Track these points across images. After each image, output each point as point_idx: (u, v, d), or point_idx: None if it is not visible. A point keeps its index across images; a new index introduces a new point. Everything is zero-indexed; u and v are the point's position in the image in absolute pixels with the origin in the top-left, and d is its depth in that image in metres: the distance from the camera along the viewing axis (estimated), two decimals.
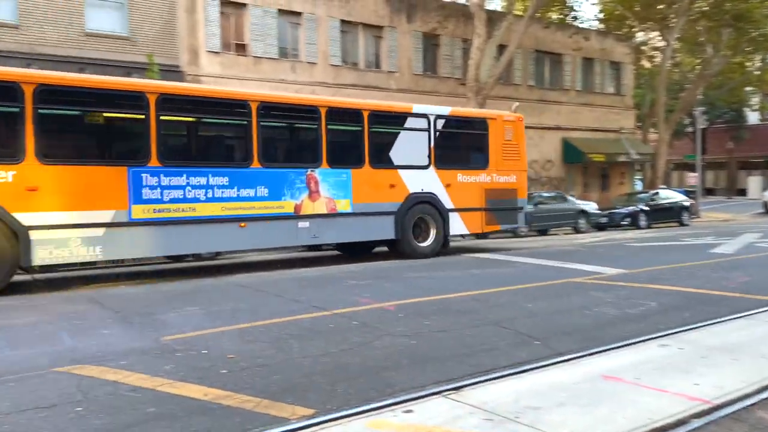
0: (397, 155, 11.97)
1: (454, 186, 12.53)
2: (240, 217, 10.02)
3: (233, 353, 4.92)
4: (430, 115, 12.38)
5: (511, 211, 13.34)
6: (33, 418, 3.57)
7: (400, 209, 11.82)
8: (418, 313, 6.43)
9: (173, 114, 9.66)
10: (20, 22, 16.52)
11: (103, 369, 4.49)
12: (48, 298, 7.98)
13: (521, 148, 13.57)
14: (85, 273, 11.29)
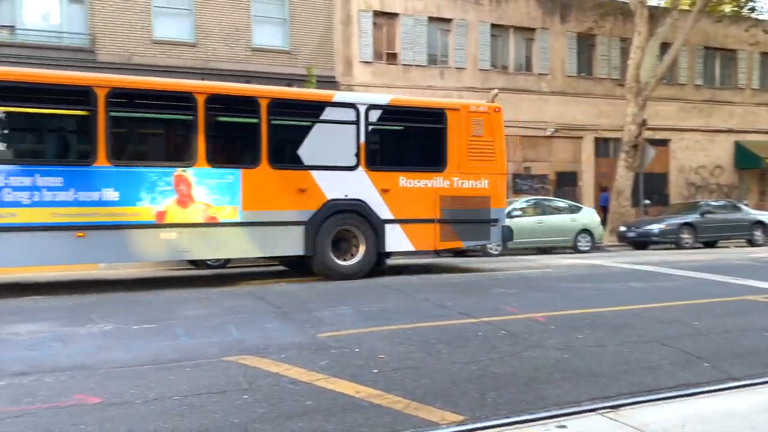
0: (311, 153, 9.87)
1: (395, 192, 10.15)
2: (76, 225, 8.29)
3: (384, 354, 5.05)
4: (359, 105, 10.08)
5: (479, 224, 10.72)
6: (206, 402, 3.91)
7: (313, 219, 9.62)
8: (571, 326, 6.17)
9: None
10: (197, 41, 18.28)
11: (266, 361, 4.81)
12: (217, 292, 8.71)
13: (497, 145, 10.83)
14: (252, 270, 12.19)
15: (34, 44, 16.30)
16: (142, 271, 12.15)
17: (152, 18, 17.72)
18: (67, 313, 6.92)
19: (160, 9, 17.89)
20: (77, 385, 4.23)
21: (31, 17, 16.72)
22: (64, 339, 5.62)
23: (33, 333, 5.83)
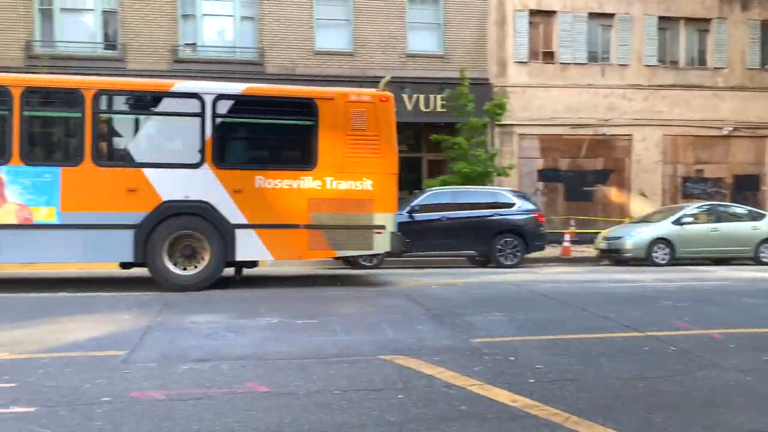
0: (145, 149, 9.14)
1: (250, 193, 9.00)
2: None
3: (541, 364, 4.88)
4: (204, 95, 8.98)
5: (359, 230, 9.31)
6: (364, 398, 4.03)
7: (144, 223, 8.65)
8: (754, 346, 5.55)
9: None
10: (354, 50, 19.03)
11: (420, 362, 4.86)
12: (371, 292, 8.98)
13: (384, 140, 9.43)
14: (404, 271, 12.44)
15: (211, 59, 17.96)
16: (301, 269, 12.88)
17: (314, 30, 18.75)
18: (239, 305, 7.51)
19: (322, 21, 18.88)
20: (249, 374, 4.56)
21: (209, 35, 18.45)
22: (237, 330, 6.10)
23: (210, 323, 6.39)
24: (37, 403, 3.89)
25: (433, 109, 18.97)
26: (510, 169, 17.78)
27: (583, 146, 20.64)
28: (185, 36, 18.04)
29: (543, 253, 14.62)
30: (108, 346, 5.28)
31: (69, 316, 6.70)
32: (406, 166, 20.61)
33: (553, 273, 12.62)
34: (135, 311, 6.91)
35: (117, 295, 8.23)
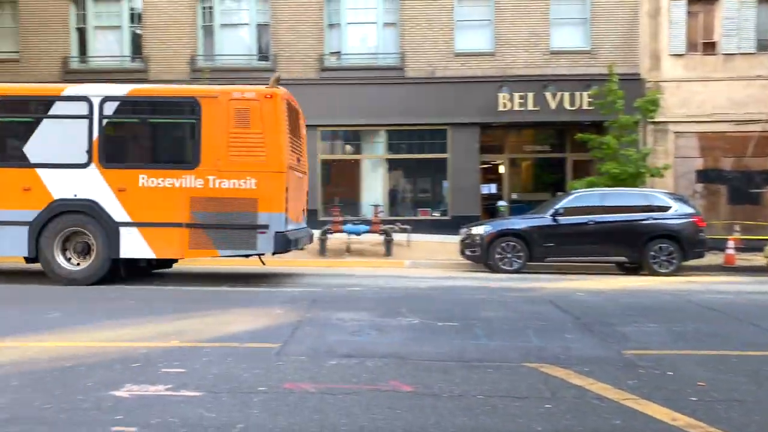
0: (39, 151, 9.27)
1: (133, 192, 9.08)
2: None
3: (702, 380, 4.49)
4: (92, 98, 9.22)
5: (241, 230, 9.04)
6: (508, 405, 3.94)
7: (37, 219, 8.98)
8: None
9: None
10: (495, 50, 18.74)
11: (568, 372, 4.66)
12: (514, 297, 8.78)
13: (270, 138, 9.07)
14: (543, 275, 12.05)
15: (354, 66, 18.59)
16: (443, 273, 12.91)
17: (454, 32, 18.73)
18: (381, 304, 7.68)
19: (462, 23, 18.81)
20: (392, 372, 4.64)
21: (353, 42, 19.10)
22: (380, 328, 6.24)
23: (355, 320, 6.60)
24: (203, 389, 4.23)
25: (579, 107, 18.18)
26: (665, 169, 16.54)
27: (750, 144, 18.70)
28: (331, 45, 18.83)
29: (702, 261, 13.44)
30: (263, 338, 5.63)
31: (228, 309, 7.25)
32: (548, 166, 20.07)
33: (714, 282, 11.57)
34: (287, 306, 7.31)
35: (270, 291, 8.77)
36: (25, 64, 18.36)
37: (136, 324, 6.34)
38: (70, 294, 8.45)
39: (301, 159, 10.59)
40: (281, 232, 9.13)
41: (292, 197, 9.56)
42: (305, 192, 11.27)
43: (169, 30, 18.45)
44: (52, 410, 3.84)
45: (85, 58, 18.83)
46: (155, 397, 4.07)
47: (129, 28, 18.81)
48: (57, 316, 6.74)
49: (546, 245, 12.33)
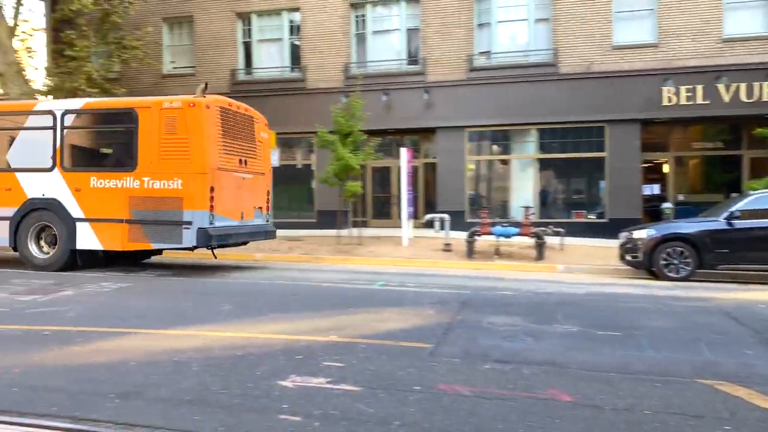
0: (18, 157, 11.00)
1: (86, 192, 10.44)
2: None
3: None
4: (56, 111, 10.79)
5: (169, 225, 10.00)
6: (681, 423, 3.64)
7: (15, 215, 10.71)
8: None
9: None
10: (659, 41, 17.44)
11: (750, 392, 4.21)
12: (682, 307, 8.10)
13: (194, 143, 9.92)
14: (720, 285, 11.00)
15: (504, 65, 18.24)
16: (599, 279, 12.26)
17: (612, 24, 17.72)
18: (534, 310, 7.45)
19: (621, 14, 17.74)
20: (550, 380, 4.47)
21: (503, 41, 18.77)
22: (535, 335, 6.05)
23: (507, 325, 6.45)
24: (360, 384, 4.37)
25: (758, 99, 16.37)
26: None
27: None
28: (480, 45, 18.66)
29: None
30: (416, 337, 5.69)
31: (380, 308, 7.43)
32: (720, 165, 18.30)
33: None
34: (437, 307, 7.34)
35: (418, 291, 8.85)
36: (198, 78, 20.21)
37: (296, 319, 6.72)
38: (237, 289, 9.16)
39: (249, 161, 11.16)
40: (203, 228, 9.88)
41: (226, 196, 10.35)
42: (260, 191, 11.71)
43: (325, 40, 19.36)
44: (228, 395, 4.17)
45: (250, 70, 20.34)
46: (317, 389, 4.27)
47: (288, 39, 20.03)
48: (228, 308, 7.32)
49: (719, 251, 11.21)
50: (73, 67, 16.27)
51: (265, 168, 12.06)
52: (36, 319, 6.40)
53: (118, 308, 7.14)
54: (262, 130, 12.01)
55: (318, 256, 13.44)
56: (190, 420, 3.75)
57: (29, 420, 3.67)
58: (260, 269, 11.56)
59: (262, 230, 11.80)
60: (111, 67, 17.85)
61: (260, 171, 11.75)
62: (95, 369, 4.73)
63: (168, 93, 20.12)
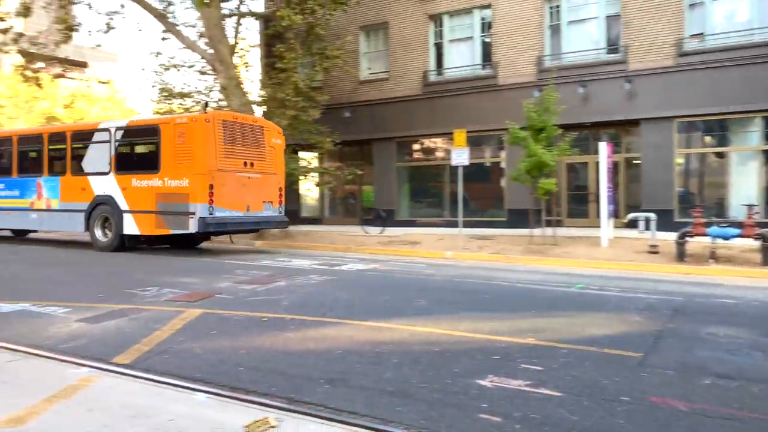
0: (89, 164, 14.23)
1: (129, 190, 13.34)
2: (10, 208, 15.57)
3: None
4: (111, 128, 14.03)
5: (180, 215, 12.61)
6: None
7: (88, 208, 13.92)
8: None
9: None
10: None
11: None
12: None
13: (196, 150, 12.49)
14: None
15: (720, 47, 16.31)
16: None
17: None
18: (761, 322, 6.56)
19: None
20: None
21: (719, 20, 16.81)
22: (765, 350, 5.31)
23: (730, 337, 5.75)
24: (561, 390, 4.18)
25: None
26: None
27: None
28: (691, 26, 16.93)
29: None
30: (622, 345, 5.30)
31: (581, 311, 7.07)
32: None
33: None
34: (645, 314, 6.79)
35: (624, 296, 8.25)
36: (392, 82, 21.02)
37: (491, 318, 6.64)
38: (429, 285, 9.33)
39: (256, 163, 13.49)
40: (203, 217, 12.36)
41: (227, 192, 12.71)
42: (270, 188, 13.93)
43: (517, 34, 18.96)
44: (427, 390, 4.24)
45: (441, 70, 20.62)
46: (516, 391, 4.17)
47: (480, 37, 19.95)
48: (423, 304, 7.48)
49: None
50: (282, 78, 17.79)
51: (277, 168, 14.19)
52: (256, 307, 7.10)
53: (326, 299, 7.65)
54: (274, 137, 14.17)
55: (509, 256, 13.19)
56: (392, 410, 3.87)
57: (256, 398, 4.06)
58: (450, 267, 11.66)
59: (271, 220, 14.07)
60: (314, 76, 19.20)
61: (271, 171, 13.93)
62: (306, 355, 5.11)
63: (364, 98, 21.24)
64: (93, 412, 3.76)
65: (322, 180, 19.88)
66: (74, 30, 18.89)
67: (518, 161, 14.68)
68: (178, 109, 19.65)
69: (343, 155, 21.90)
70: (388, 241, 15.61)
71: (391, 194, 21.10)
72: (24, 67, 19.46)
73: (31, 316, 6.62)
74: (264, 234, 17.00)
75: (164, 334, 5.75)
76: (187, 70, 20.17)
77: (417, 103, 20.42)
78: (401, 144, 21.34)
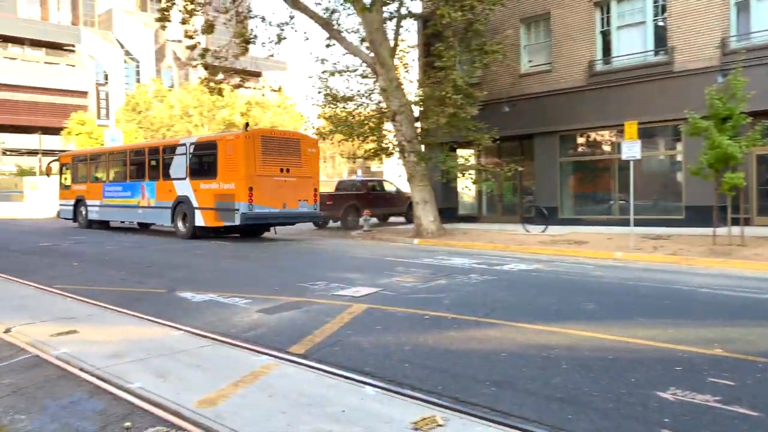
0: (174, 171, 18.09)
1: (199, 191, 17.02)
2: (125, 206, 20.30)
3: None
4: (187, 144, 17.97)
5: (229, 211, 16.12)
6: None
7: (172, 205, 17.81)
8: None
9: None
10: None
11: None
12: None
13: (240, 161, 15.90)
14: None
15: None
16: None
17: None
18: None
19: None
20: None
21: None
22: None
23: None
24: (759, 409, 3.73)
25: None
26: None
27: None
28: None
29: None
30: None
31: None
32: None
33: None
34: None
35: None
36: (554, 74, 20.20)
37: (671, 325, 6.11)
38: (598, 288, 8.82)
39: (292, 169, 16.79)
40: (244, 212, 15.83)
41: (265, 192, 16.05)
42: (305, 189, 17.17)
43: (697, 14, 17.29)
44: (600, 398, 4.00)
45: (608, 59, 19.40)
46: (703, 407, 3.80)
47: (652, 21, 18.49)
48: (592, 308, 7.09)
49: None
50: (441, 77, 17.86)
51: (312, 173, 17.49)
52: (418, 304, 7.19)
53: (487, 299, 7.55)
54: (310, 147, 17.56)
55: (688, 258, 12.06)
56: (562, 417, 3.70)
57: (422, 396, 4.09)
58: (620, 268, 10.93)
59: (305, 215, 17.61)
60: (473, 73, 19.04)
61: (306, 175, 17.21)
62: (470, 355, 5.06)
63: (525, 92, 20.67)
64: (273, 398, 4.02)
65: (480, 177, 19.68)
66: (250, 42, 20.50)
67: (698, 154, 13.38)
68: (341, 113, 20.57)
69: (501, 151, 21.51)
70: (550, 241, 15.05)
71: (553, 191, 20.32)
72: (208, 80, 21.47)
73: (217, 306, 7.28)
74: (422, 233, 17.25)
75: (333, 327, 6.02)
76: (350, 74, 21.00)
77: (582, 95, 19.45)
78: (564, 138, 20.47)
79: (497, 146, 19.44)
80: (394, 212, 24.26)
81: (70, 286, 8.57)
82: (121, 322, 6.34)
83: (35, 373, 4.70)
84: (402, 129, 18.04)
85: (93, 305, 7.19)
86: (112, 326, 6.14)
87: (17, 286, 8.73)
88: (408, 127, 18.06)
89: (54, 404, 4.06)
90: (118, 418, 3.78)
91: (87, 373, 4.59)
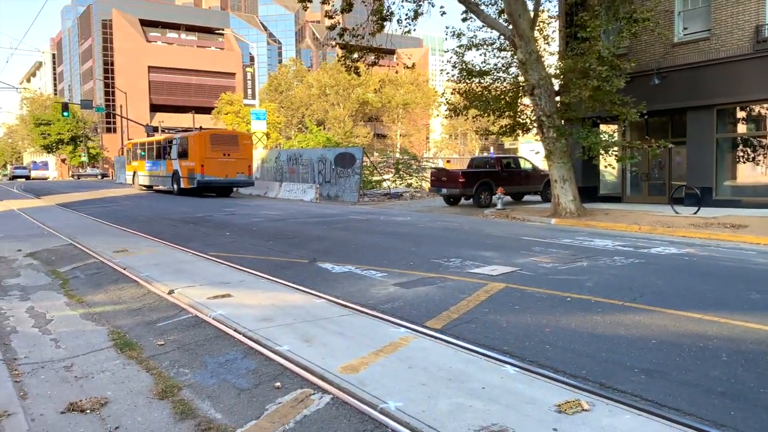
0: (172, 155, 28.30)
1: (182, 167, 26.85)
2: (154, 176, 30.84)
3: None
4: (177, 138, 27.91)
5: (192, 179, 25.72)
6: None
7: (171, 175, 28.09)
8: None
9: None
10: None
11: None
12: None
13: (197, 148, 25.67)
14: None
15: None
16: None
17: None
18: None
19: None
20: None
21: None
22: None
23: None
24: None
25: None
26: None
27: None
28: None
29: None
30: None
31: None
32: None
33: None
34: None
35: None
36: (713, 41, 18.40)
37: None
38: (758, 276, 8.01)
39: (231, 153, 26.34)
40: (199, 180, 25.40)
41: (212, 167, 25.52)
42: (241, 165, 26.70)
43: None
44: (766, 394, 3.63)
45: None
46: None
47: None
48: (756, 297, 6.45)
49: None
50: (584, 48, 16.92)
51: (246, 156, 27.02)
52: (558, 285, 6.94)
53: (634, 284, 7.12)
54: (245, 140, 27.56)
55: None
56: (724, 413, 3.42)
57: (566, 378, 3.95)
58: None
59: (241, 182, 26.97)
60: (620, 43, 17.83)
61: (242, 157, 26.64)
62: (616, 341, 4.80)
63: (678, 62, 19.07)
64: (412, 369, 4.08)
65: (625, 155, 18.49)
66: (387, 20, 20.68)
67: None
68: (476, 88, 20.21)
69: (648, 127, 20.09)
70: (704, 223, 13.87)
71: (708, 170, 18.66)
72: (345, 58, 21.97)
73: (355, 277, 7.50)
74: (560, 212, 16.60)
75: (470, 304, 5.98)
76: (487, 48, 20.53)
77: (746, 64, 17.57)
78: (722, 112, 18.66)
79: (644, 121, 18.18)
80: (529, 190, 23.58)
81: (222, 252, 9.25)
82: (269, 288, 6.74)
83: (196, 332, 5.13)
84: (541, 103, 17.36)
85: (243, 271, 7.71)
86: (262, 292, 6.54)
87: (175, 251, 9.58)
88: (547, 102, 17.35)
89: (212, 361, 4.41)
90: (269, 377, 4.03)
91: (240, 334, 4.93)
